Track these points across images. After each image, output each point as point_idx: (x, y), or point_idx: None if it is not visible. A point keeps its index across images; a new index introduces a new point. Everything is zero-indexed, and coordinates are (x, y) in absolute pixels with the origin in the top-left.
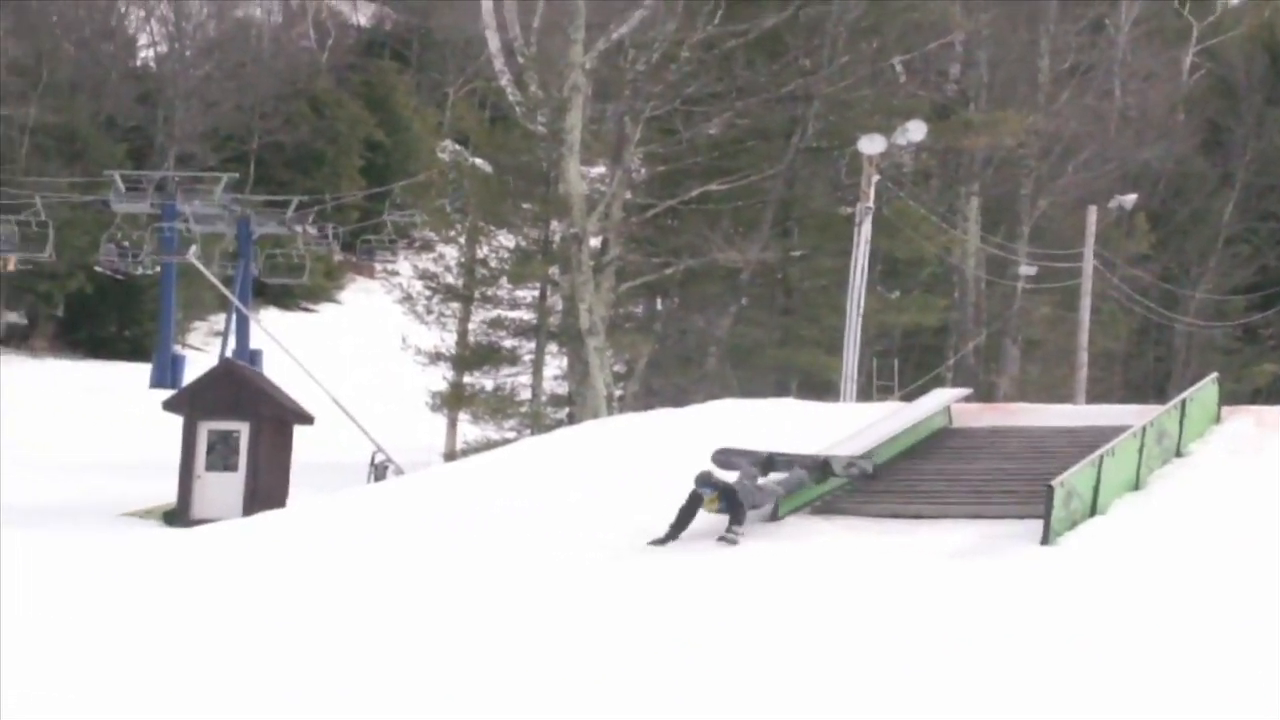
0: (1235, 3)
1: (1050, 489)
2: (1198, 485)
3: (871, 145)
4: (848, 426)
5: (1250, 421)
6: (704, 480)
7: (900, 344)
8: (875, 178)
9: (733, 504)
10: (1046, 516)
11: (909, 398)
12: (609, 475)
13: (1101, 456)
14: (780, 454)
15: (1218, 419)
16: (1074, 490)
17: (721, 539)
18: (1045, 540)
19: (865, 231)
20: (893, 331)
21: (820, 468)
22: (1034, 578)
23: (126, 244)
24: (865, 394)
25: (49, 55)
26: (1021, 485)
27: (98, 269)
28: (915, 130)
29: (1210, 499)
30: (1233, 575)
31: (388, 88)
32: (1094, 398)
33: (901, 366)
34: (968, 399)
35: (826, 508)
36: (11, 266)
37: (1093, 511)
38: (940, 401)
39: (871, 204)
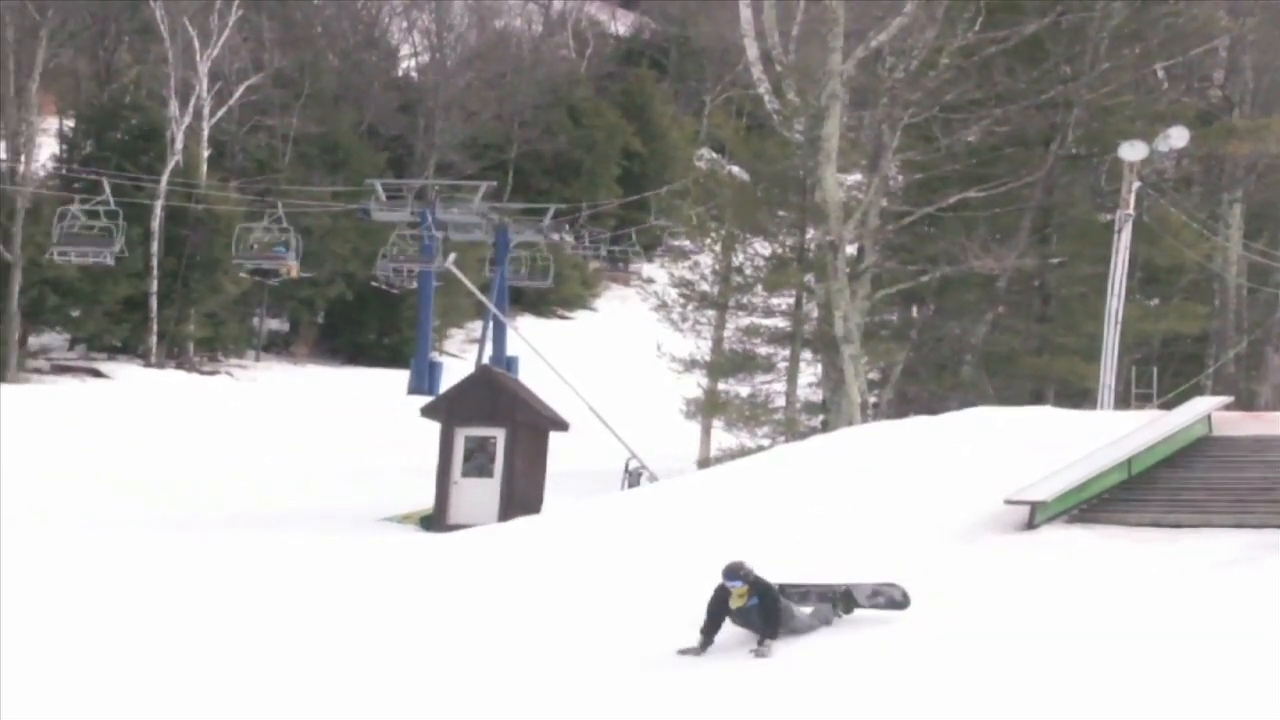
0: None
1: None
2: None
3: (1133, 152)
4: (1105, 434)
5: None
6: (733, 571)
7: (1159, 352)
8: (1136, 184)
9: (769, 606)
10: None
11: (1168, 406)
12: (860, 485)
13: None
14: (793, 585)
15: None
16: None
17: (754, 651)
18: None
19: (1125, 238)
20: (1152, 339)
21: (843, 598)
22: None
23: (401, 258)
24: (1123, 402)
25: (312, 66)
26: None
27: (374, 284)
28: (1177, 137)
29: None
30: None
31: (645, 96)
32: None
33: (1160, 374)
34: (1229, 407)
35: (1084, 516)
36: (294, 274)
37: None
38: (1201, 410)
39: (1132, 211)
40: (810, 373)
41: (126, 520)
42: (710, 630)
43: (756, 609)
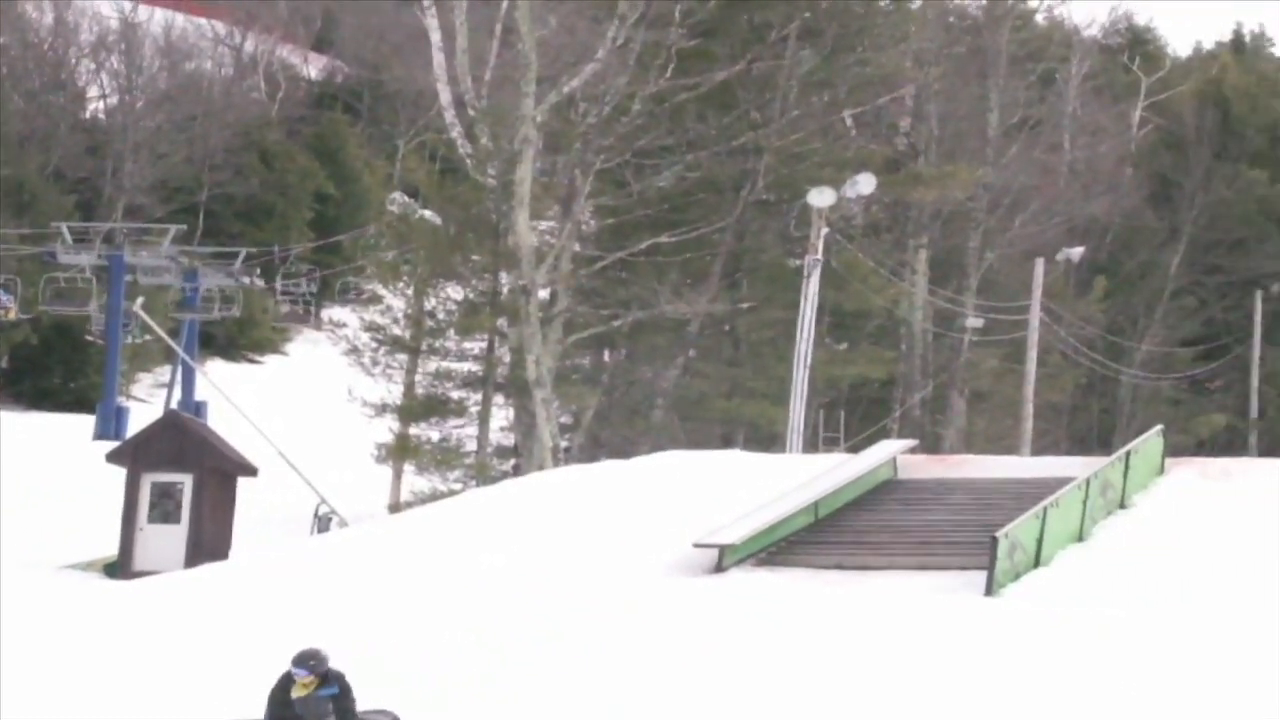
0: (1183, 58)
1: (994, 541)
2: (1140, 537)
3: (821, 198)
4: (794, 478)
5: (1194, 473)
6: (302, 660)
7: (847, 396)
8: (824, 230)
9: (348, 704)
10: (990, 568)
11: (855, 449)
12: (551, 530)
13: (1045, 508)
14: None
15: (1162, 471)
16: (1018, 542)
17: None
18: (989, 591)
19: (814, 284)
20: (840, 383)
21: None
22: (977, 629)
23: (60, 302)
24: (812, 446)
25: None
26: (966, 537)
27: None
28: (864, 183)
29: (1152, 550)
30: (1174, 626)
31: (338, 140)
32: (1040, 450)
33: (848, 418)
34: (914, 450)
35: (771, 559)
36: (14, 315)
37: (1037, 563)
38: (886, 453)
39: (820, 256)
40: (502, 417)
41: None
42: None
43: (328, 701)
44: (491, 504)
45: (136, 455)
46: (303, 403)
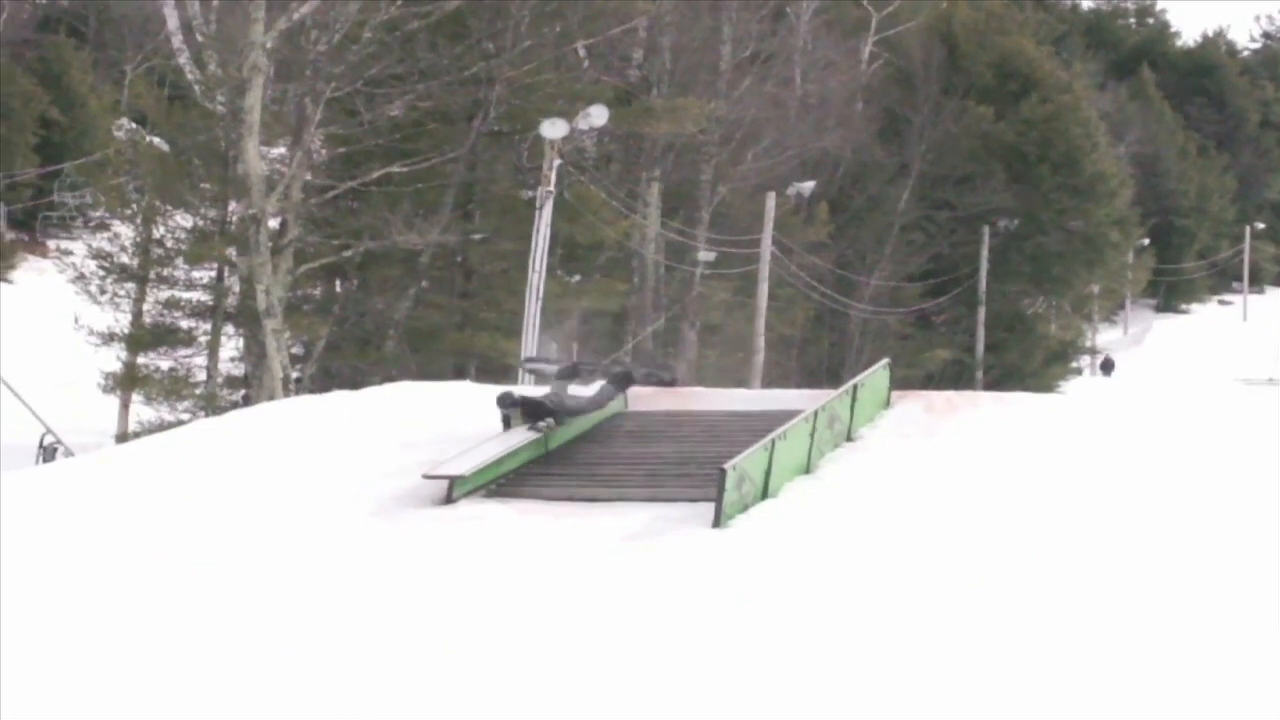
0: None
1: (722, 472)
2: (866, 468)
3: (553, 130)
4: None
5: (919, 406)
6: (505, 401)
7: (580, 328)
8: (557, 162)
9: (535, 411)
10: (718, 499)
11: None
12: (280, 460)
13: (773, 440)
14: (585, 363)
15: (888, 404)
16: (746, 474)
17: (533, 428)
18: (717, 523)
19: (546, 215)
20: (572, 315)
21: (623, 378)
22: (704, 559)
23: None
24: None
25: None
26: (695, 469)
27: None
28: (597, 115)
29: (877, 481)
30: (896, 554)
31: (63, 64)
32: (770, 383)
33: (580, 350)
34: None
35: (501, 491)
36: None
37: (764, 494)
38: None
39: (552, 188)
40: (232, 347)
41: None
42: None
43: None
44: (221, 434)
45: None
46: (28, 331)
